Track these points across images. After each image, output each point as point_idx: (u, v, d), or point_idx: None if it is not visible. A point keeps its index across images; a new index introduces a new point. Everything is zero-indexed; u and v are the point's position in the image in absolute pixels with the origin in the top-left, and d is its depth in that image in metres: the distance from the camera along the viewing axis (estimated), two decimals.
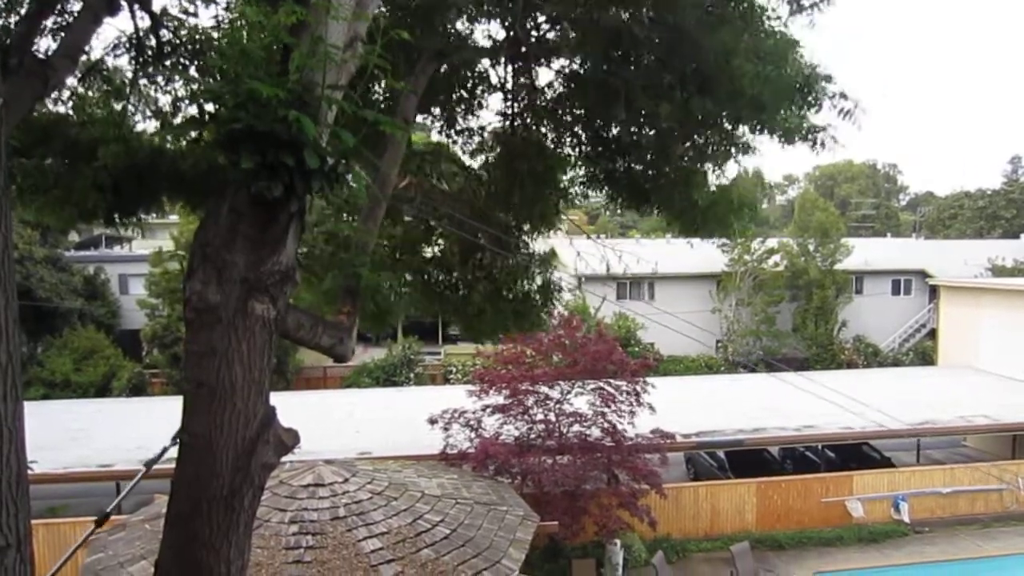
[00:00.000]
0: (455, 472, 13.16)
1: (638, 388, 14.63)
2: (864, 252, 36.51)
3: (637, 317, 29.35)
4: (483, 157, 7.91)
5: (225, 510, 2.83)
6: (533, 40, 6.72)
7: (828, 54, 6.63)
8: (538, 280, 7.92)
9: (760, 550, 15.92)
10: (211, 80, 3.88)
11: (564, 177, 7.72)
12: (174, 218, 28.92)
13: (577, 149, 7.45)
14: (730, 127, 6.42)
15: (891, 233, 66.18)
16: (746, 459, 19.54)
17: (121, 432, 17.66)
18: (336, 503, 9.83)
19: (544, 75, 7.60)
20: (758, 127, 6.25)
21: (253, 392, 2.89)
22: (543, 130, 7.52)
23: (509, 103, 7.38)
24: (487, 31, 6.82)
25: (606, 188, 7.49)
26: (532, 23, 6.74)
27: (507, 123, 7.51)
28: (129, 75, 6.22)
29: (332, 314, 4.51)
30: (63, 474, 14.97)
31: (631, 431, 14.64)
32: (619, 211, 7.47)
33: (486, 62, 7.11)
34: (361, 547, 9.29)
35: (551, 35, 6.81)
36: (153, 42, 5.89)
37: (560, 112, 7.23)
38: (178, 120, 5.88)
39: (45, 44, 5.27)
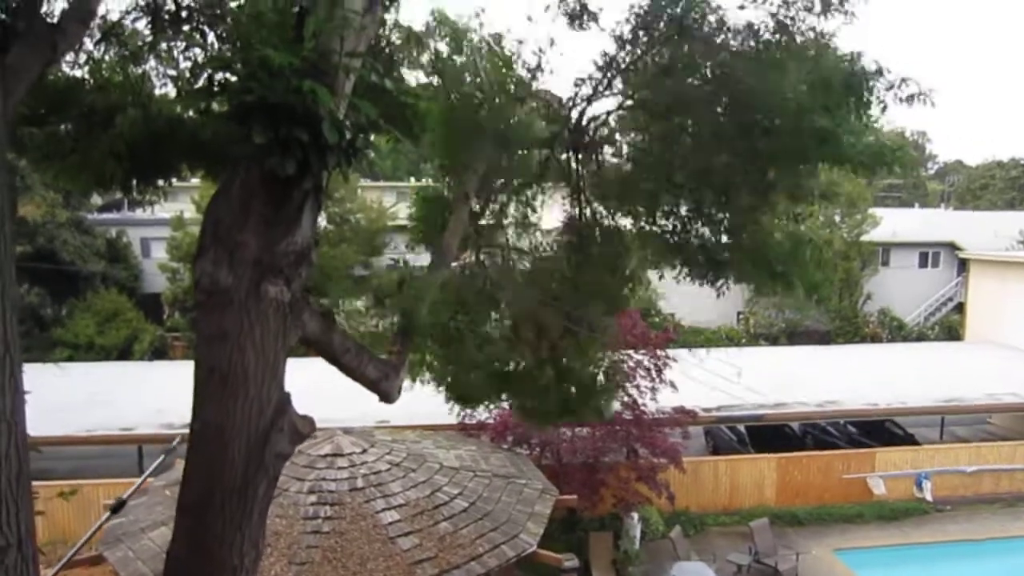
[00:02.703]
0: (473, 443, 13.13)
1: (659, 363, 14.43)
2: (891, 223, 35.70)
3: (657, 287, 29.03)
4: (548, 241, 7.63)
5: (238, 501, 2.71)
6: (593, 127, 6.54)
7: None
8: (604, 363, 7.72)
9: (779, 526, 15.82)
10: (226, 48, 3.68)
11: (633, 260, 7.44)
12: (196, 181, 28.93)
13: (647, 227, 7.14)
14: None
15: (919, 203, 64.62)
16: (766, 434, 19.39)
17: (143, 395, 17.84)
18: (354, 473, 9.82)
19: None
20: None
21: (267, 378, 2.75)
22: (608, 211, 7.25)
23: (573, 189, 7.14)
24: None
25: (680, 265, 7.18)
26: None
27: (571, 207, 7.28)
28: (147, 38, 6.02)
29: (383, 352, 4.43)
30: (86, 436, 15.17)
31: (652, 405, 14.50)
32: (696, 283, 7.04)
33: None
34: (379, 518, 9.28)
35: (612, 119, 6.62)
36: (171, 5, 5.67)
37: (626, 191, 6.95)
38: (196, 88, 5.69)
39: (55, 6, 5.08)
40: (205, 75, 3.21)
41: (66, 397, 16.05)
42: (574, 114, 6.50)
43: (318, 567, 8.36)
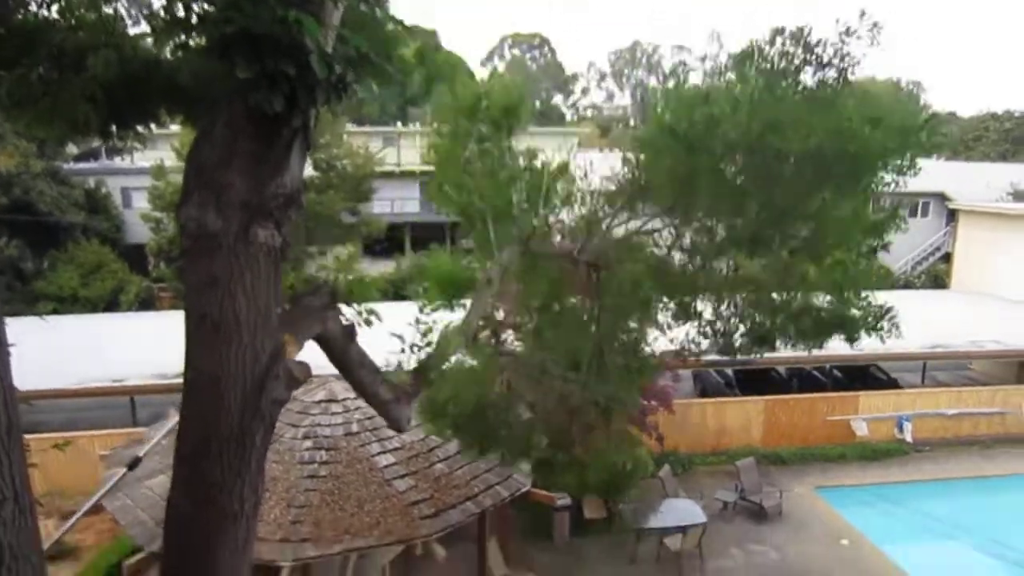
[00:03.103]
0: None
1: None
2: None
3: None
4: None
5: (236, 448, 2.67)
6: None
7: None
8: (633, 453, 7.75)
9: (764, 465, 16.16)
10: None
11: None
12: (177, 128, 28.27)
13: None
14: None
15: None
16: (754, 377, 19.64)
17: (132, 346, 17.77)
18: (349, 419, 9.88)
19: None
20: None
21: (260, 325, 2.68)
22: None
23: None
24: None
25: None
26: None
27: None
28: None
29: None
30: (77, 389, 15.12)
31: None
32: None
33: None
34: (375, 462, 9.38)
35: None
36: None
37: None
38: (172, 20, 5.45)
39: None
40: (180, 4, 3.03)
41: (55, 350, 15.95)
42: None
43: (316, 510, 8.46)
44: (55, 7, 5.76)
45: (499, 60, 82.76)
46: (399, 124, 43.67)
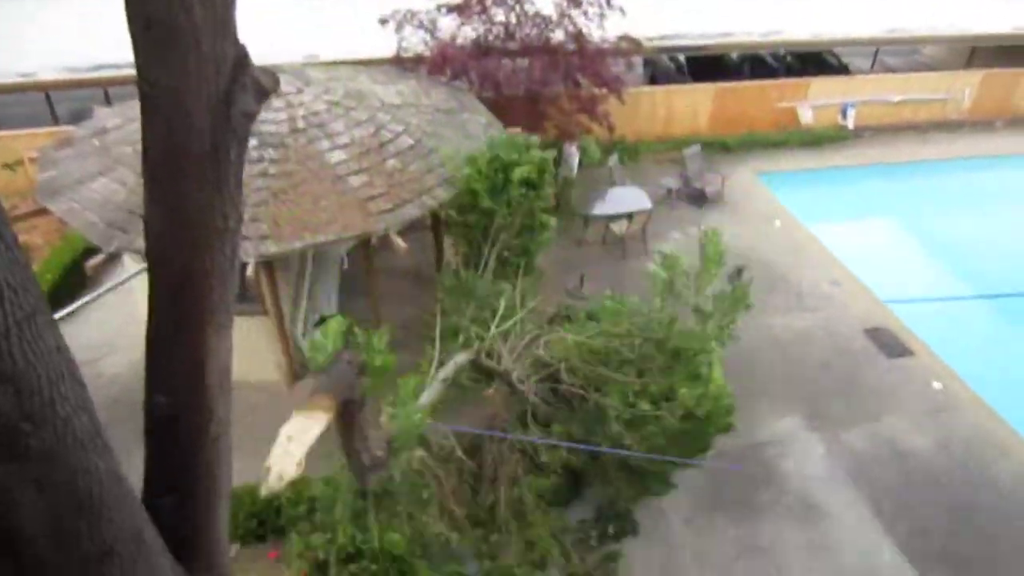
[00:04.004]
0: (412, 78, 12.50)
1: None
2: None
3: None
4: None
5: (211, 166, 2.40)
6: None
7: None
8: None
9: (708, 152, 16.51)
10: None
11: None
12: None
13: None
14: None
15: None
16: (706, 63, 19.12)
17: (38, 36, 15.84)
18: (293, 115, 9.35)
19: None
20: None
21: (219, 31, 2.23)
22: None
23: None
24: None
25: None
26: None
27: None
28: None
29: None
30: None
31: (597, 35, 13.77)
32: None
33: None
34: (326, 159, 9.11)
35: None
36: None
37: None
38: None
39: None
40: None
41: None
42: None
43: (272, 208, 8.36)
44: None
45: None
46: None
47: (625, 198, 14.24)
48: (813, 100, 17.83)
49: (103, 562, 2.30)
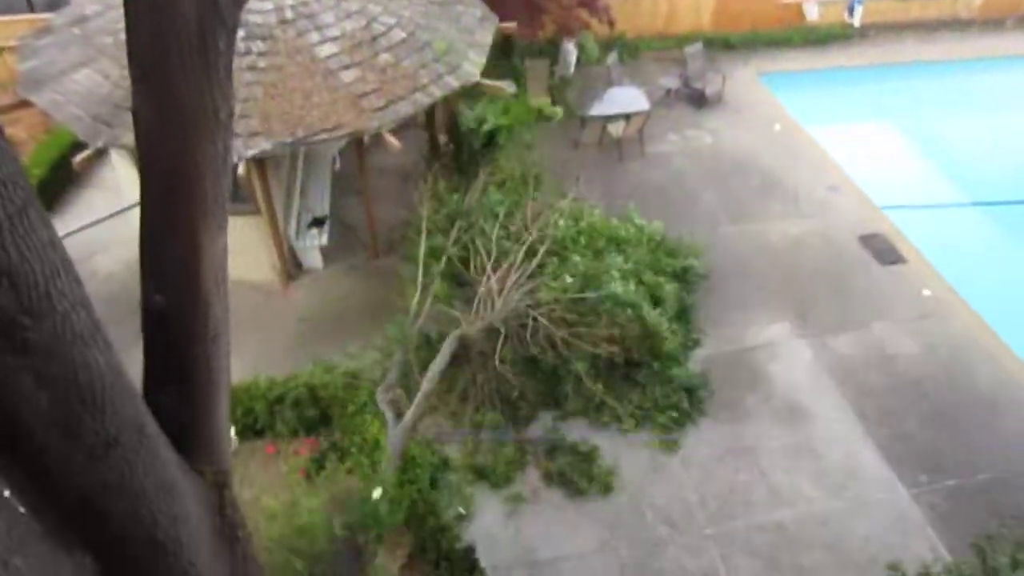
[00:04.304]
0: None
1: None
2: None
3: None
4: None
5: (199, 59, 2.30)
6: None
7: None
8: None
9: (710, 50, 15.97)
10: None
11: None
12: None
13: None
14: None
15: None
16: None
17: None
18: (281, 5, 8.94)
19: None
20: None
21: None
22: None
23: None
24: None
25: None
26: None
27: None
28: None
29: None
30: None
31: None
32: None
33: None
34: (316, 52, 8.78)
35: None
36: None
37: None
38: None
39: None
40: None
41: None
42: None
43: (263, 103, 8.13)
44: None
45: None
46: None
47: (623, 98, 13.86)
48: None
49: (108, 452, 2.36)
